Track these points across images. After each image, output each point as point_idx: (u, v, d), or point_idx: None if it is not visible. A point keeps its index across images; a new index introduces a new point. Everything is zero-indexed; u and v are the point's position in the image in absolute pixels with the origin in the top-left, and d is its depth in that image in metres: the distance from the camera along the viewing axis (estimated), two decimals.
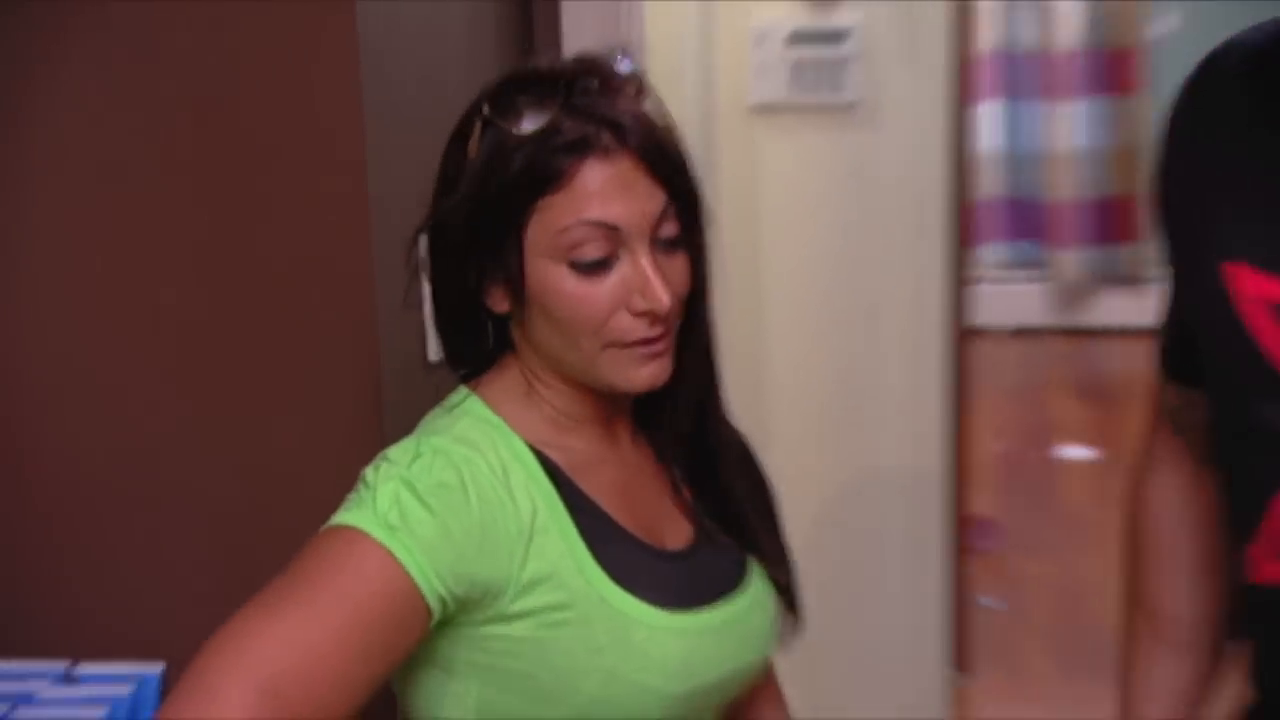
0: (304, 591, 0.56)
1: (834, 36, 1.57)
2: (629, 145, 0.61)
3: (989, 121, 2.70)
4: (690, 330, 0.68)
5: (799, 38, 1.58)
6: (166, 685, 0.80)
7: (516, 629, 0.62)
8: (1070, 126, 2.72)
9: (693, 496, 0.73)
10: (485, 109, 0.63)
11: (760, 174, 1.63)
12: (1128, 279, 2.76)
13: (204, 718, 0.51)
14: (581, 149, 0.60)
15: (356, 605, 0.56)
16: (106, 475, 0.87)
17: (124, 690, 0.83)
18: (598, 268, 0.62)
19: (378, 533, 0.56)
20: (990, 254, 2.82)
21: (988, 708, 1.93)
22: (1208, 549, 0.73)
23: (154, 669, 0.82)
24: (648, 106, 0.65)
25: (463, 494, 0.60)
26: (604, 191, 0.61)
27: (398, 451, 0.63)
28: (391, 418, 0.80)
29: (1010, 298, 2.77)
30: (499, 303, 0.66)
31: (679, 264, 0.65)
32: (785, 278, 1.65)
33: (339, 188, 0.82)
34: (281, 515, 0.79)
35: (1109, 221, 2.76)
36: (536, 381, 0.67)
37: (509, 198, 0.61)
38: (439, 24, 1.00)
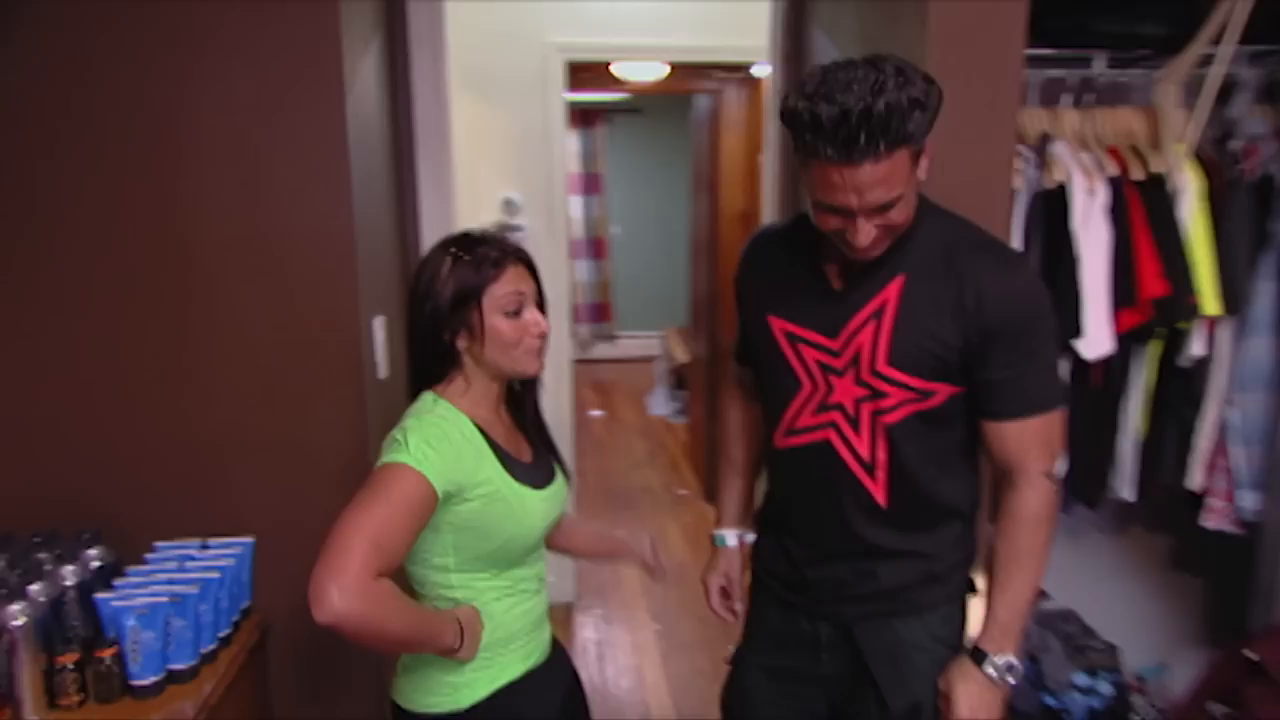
0: (381, 496, 1.09)
1: (515, 229, 4.71)
2: (520, 260, 1.26)
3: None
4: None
5: (500, 229, 4.78)
6: (257, 549, 1.56)
7: (473, 505, 1.18)
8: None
9: (527, 436, 1.34)
10: (455, 250, 1.22)
11: None
12: (608, 337, 6.77)
13: (349, 561, 1.01)
14: (503, 263, 1.22)
15: (408, 500, 1.10)
16: (216, 432, 1.60)
17: (236, 552, 1.54)
18: (516, 314, 1.22)
19: (412, 463, 1.11)
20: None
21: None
22: (752, 432, 1.56)
23: (249, 540, 1.57)
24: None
25: (449, 442, 1.16)
26: (513, 280, 1.23)
27: (414, 422, 1.17)
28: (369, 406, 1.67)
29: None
30: (465, 342, 1.22)
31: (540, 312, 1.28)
32: None
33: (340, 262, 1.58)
34: (310, 462, 1.61)
35: (601, 312, 6.76)
36: (470, 386, 1.25)
37: (475, 288, 1.21)
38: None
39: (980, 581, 1.43)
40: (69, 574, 1.40)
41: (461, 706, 1.25)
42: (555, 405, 3.52)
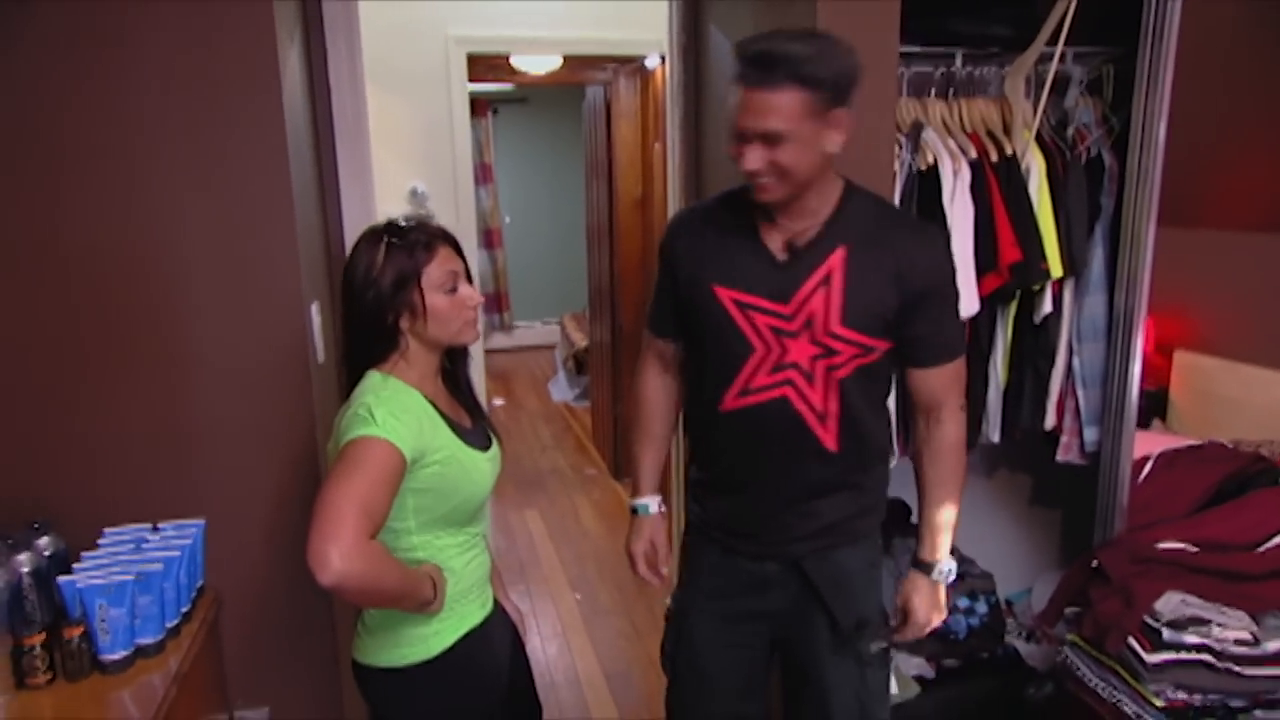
0: (361, 467, 1.17)
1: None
2: (448, 240, 1.36)
3: None
4: None
5: (407, 218, 4.82)
6: (208, 531, 1.62)
7: (432, 469, 1.29)
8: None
9: (464, 404, 1.45)
10: (388, 238, 1.32)
11: None
12: (505, 326, 6.92)
13: (344, 527, 1.10)
14: (434, 245, 1.33)
15: (384, 468, 1.19)
16: (162, 420, 1.63)
17: (189, 534, 1.60)
18: (453, 291, 1.33)
19: (383, 434, 1.20)
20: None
21: None
22: (671, 405, 1.69)
23: (200, 521, 1.63)
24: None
25: (410, 413, 1.27)
26: (445, 260, 1.33)
27: (373, 398, 1.25)
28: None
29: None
30: (408, 322, 1.32)
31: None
32: None
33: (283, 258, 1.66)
34: (258, 446, 1.68)
35: (498, 302, 6.86)
36: (410, 364, 1.34)
37: (412, 271, 1.30)
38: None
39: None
40: (23, 561, 1.43)
41: (433, 654, 1.37)
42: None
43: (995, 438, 2.23)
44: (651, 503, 1.70)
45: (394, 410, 1.25)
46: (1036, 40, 1.99)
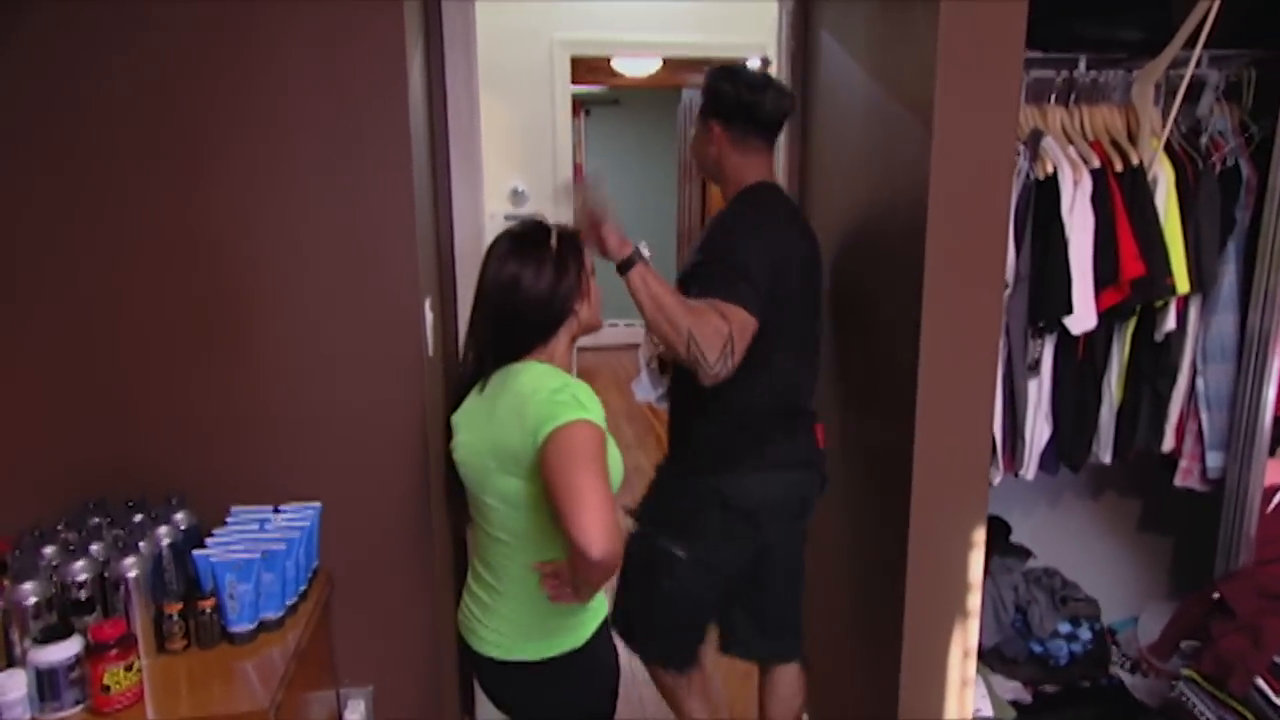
0: (595, 453, 1.29)
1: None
2: None
3: None
4: None
5: (508, 217, 4.87)
6: (323, 514, 1.70)
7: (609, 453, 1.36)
8: None
9: None
10: (554, 231, 1.48)
11: None
12: None
13: (606, 511, 1.22)
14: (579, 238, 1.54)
15: (603, 451, 1.31)
16: (284, 406, 1.72)
17: (308, 515, 1.66)
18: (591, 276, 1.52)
19: (593, 419, 1.32)
20: None
21: None
22: None
23: (317, 504, 1.70)
24: None
25: (592, 398, 1.36)
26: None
27: (560, 383, 1.35)
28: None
29: None
30: (579, 306, 1.47)
31: None
32: None
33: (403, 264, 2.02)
34: (371, 435, 1.74)
35: None
36: (552, 353, 1.47)
37: (582, 259, 1.50)
38: None
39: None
40: (164, 534, 1.52)
41: (580, 643, 1.47)
42: None
43: (1106, 459, 2.14)
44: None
45: (587, 396, 1.35)
46: (1172, 43, 1.90)
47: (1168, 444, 2.12)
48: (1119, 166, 1.96)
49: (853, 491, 2.18)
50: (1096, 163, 1.95)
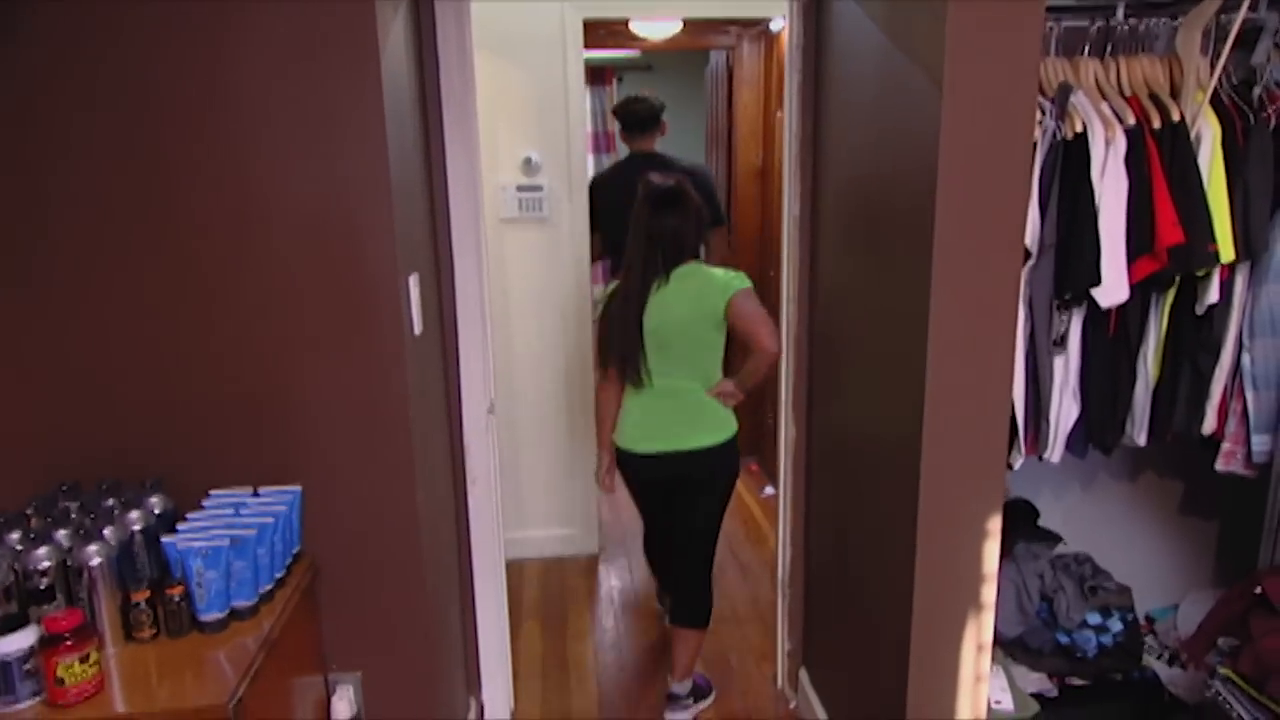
0: (755, 299, 2.36)
1: (535, 188, 3.47)
2: None
3: None
4: None
5: (520, 188, 3.49)
6: (305, 497, 1.67)
7: None
8: None
9: None
10: (692, 202, 2.42)
11: (505, 251, 3.52)
12: None
13: (776, 331, 2.36)
14: None
15: (758, 299, 2.38)
16: (265, 388, 1.68)
17: (286, 499, 1.63)
18: None
19: (750, 286, 2.37)
20: None
21: None
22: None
23: (295, 488, 1.68)
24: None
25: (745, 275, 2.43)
26: None
27: (728, 271, 2.42)
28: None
29: None
30: (705, 234, 2.62)
31: None
32: (524, 301, 3.58)
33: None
34: (354, 415, 1.70)
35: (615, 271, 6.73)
36: (701, 255, 2.51)
37: (701, 211, 2.46)
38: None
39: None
40: (135, 519, 1.49)
41: (734, 431, 2.46)
42: (585, 366, 3.58)
43: (1142, 440, 1.99)
44: None
45: (740, 275, 2.40)
46: None
47: (1209, 425, 1.96)
48: (1157, 123, 1.79)
49: (860, 478, 2.06)
50: (1132, 120, 1.79)
